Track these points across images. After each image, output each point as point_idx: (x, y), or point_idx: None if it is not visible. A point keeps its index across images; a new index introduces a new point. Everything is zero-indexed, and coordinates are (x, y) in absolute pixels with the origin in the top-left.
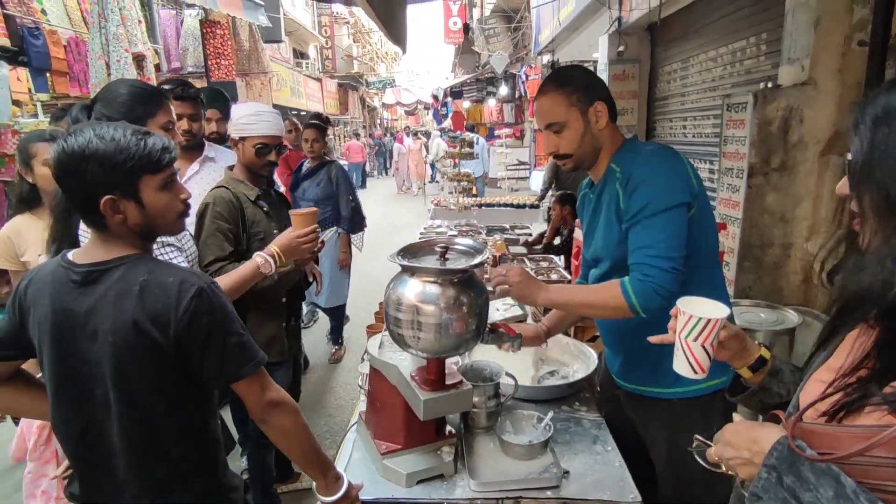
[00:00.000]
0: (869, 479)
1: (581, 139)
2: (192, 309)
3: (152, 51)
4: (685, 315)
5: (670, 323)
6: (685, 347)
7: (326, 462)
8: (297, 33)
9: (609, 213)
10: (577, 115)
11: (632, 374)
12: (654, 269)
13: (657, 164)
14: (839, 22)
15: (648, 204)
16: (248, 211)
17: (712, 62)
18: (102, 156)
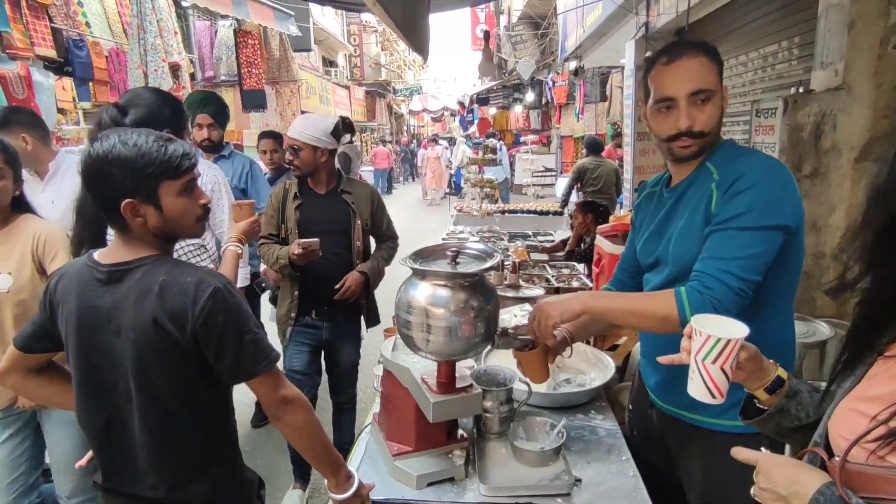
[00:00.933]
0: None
1: (720, 118)
2: (208, 307)
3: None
4: (702, 335)
5: (683, 343)
6: (702, 370)
7: (338, 460)
8: (327, 42)
9: (694, 216)
10: (720, 88)
11: (672, 394)
12: (719, 284)
13: (771, 176)
14: (874, 25)
15: (747, 213)
16: (287, 207)
17: (742, 67)
18: (125, 161)
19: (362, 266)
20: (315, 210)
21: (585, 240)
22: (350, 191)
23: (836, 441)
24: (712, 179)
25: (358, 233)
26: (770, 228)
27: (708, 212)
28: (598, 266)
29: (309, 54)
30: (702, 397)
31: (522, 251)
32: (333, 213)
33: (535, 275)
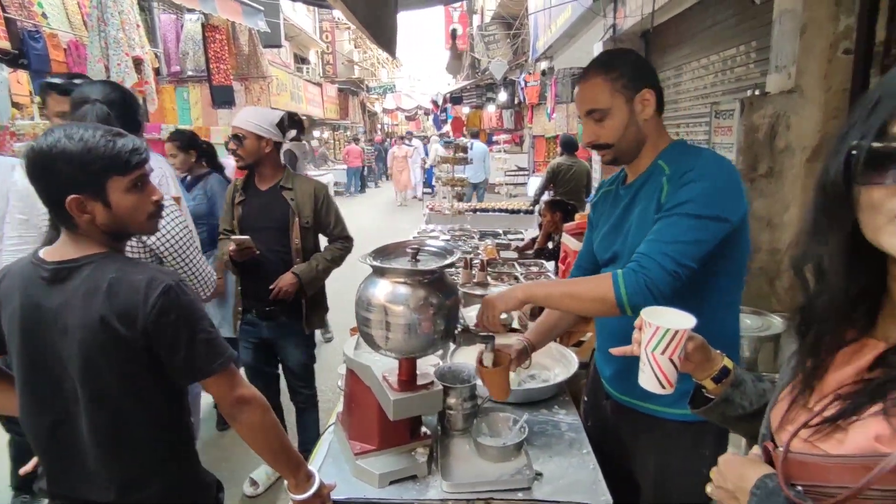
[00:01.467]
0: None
1: (624, 129)
2: (159, 305)
3: (152, 54)
4: (651, 327)
5: (634, 335)
6: (651, 361)
7: (297, 460)
8: (298, 38)
9: (647, 209)
10: (622, 102)
11: (626, 384)
12: (655, 265)
13: (717, 171)
14: (824, 30)
15: (691, 202)
16: (235, 201)
17: (704, 70)
18: (70, 156)
19: (297, 268)
20: (254, 207)
21: (554, 238)
22: (291, 187)
23: (780, 436)
24: (664, 174)
25: (296, 231)
26: (711, 218)
27: (659, 203)
28: (564, 263)
29: (279, 50)
30: (652, 388)
31: (492, 249)
32: (272, 210)
33: (503, 273)
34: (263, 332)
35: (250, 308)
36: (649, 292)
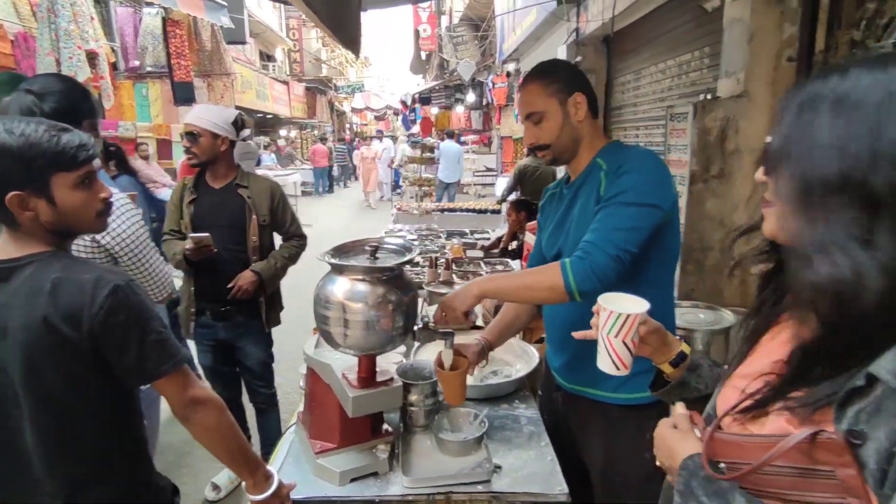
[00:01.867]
0: (772, 489)
1: (560, 130)
2: (107, 306)
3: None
4: (605, 311)
5: (592, 320)
6: (607, 344)
7: (255, 460)
8: (264, 35)
9: (587, 205)
10: (556, 105)
11: (575, 373)
12: (598, 251)
13: (649, 162)
14: (771, 38)
15: (627, 191)
16: (184, 201)
17: (661, 74)
18: (10, 151)
19: (256, 265)
20: (208, 205)
21: (519, 237)
22: (246, 185)
23: (719, 414)
24: (602, 170)
25: (254, 228)
26: (647, 205)
27: (598, 196)
28: (526, 260)
29: (244, 47)
30: (609, 370)
31: (458, 248)
32: (227, 208)
33: (469, 271)
34: (220, 334)
35: (204, 310)
36: (595, 277)
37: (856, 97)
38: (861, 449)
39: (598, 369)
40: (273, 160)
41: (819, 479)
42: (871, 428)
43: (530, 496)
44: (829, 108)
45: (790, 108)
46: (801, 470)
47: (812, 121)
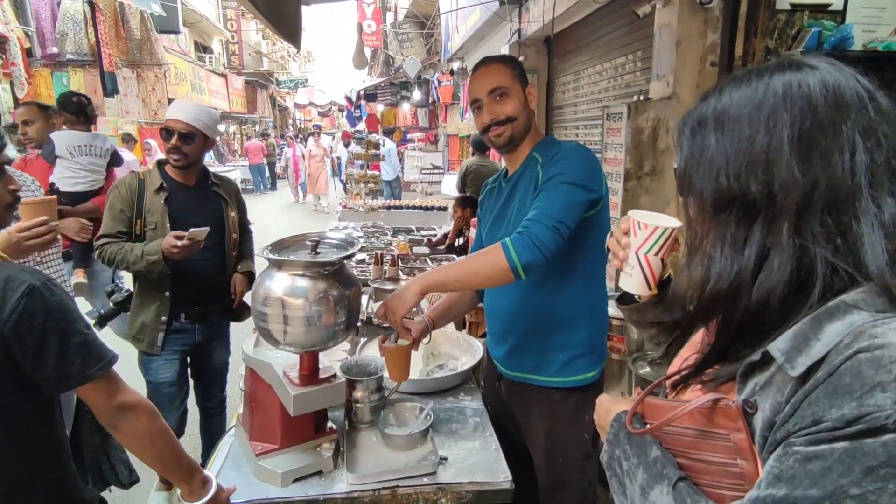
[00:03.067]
0: (677, 447)
1: (522, 108)
2: (20, 309)
3: (20, 32)
4: (647, 228)
5: (623, 241)
6: (643, 263)
7: (190, 466)
8: (200, 25)
9: (525, 196)
10: (519, 88)
11: (517, 361)
12: (536, 224)
13: (581, 151)
14: (695, 44)
15: (560, 174)
16: (146, 199)
17: (598, 75)
18: None
19: (244, 266)
20: (186, 202)
21: (465, 233)
22: (219, 183)
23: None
24: (538, 163)
25: (233, 225)
26: (580, 186)
27: (536, 187)
28: None
29: (177, 37)
30: (639, 290)
31: (404, 245)
32: (206, 205)
33: (416, 268)
34: (196, 337)
35: (179, 313)
36: (536, 249)
37: (731, 113)
38: (753, 417)
39: (541, 354)
40: (210, 156)
41: (716, 441)
42: (762, 399)
43: (475, 485)
44: (712, 127)
45: (685, 133)
46: (701, 432)
47: (702, 141)
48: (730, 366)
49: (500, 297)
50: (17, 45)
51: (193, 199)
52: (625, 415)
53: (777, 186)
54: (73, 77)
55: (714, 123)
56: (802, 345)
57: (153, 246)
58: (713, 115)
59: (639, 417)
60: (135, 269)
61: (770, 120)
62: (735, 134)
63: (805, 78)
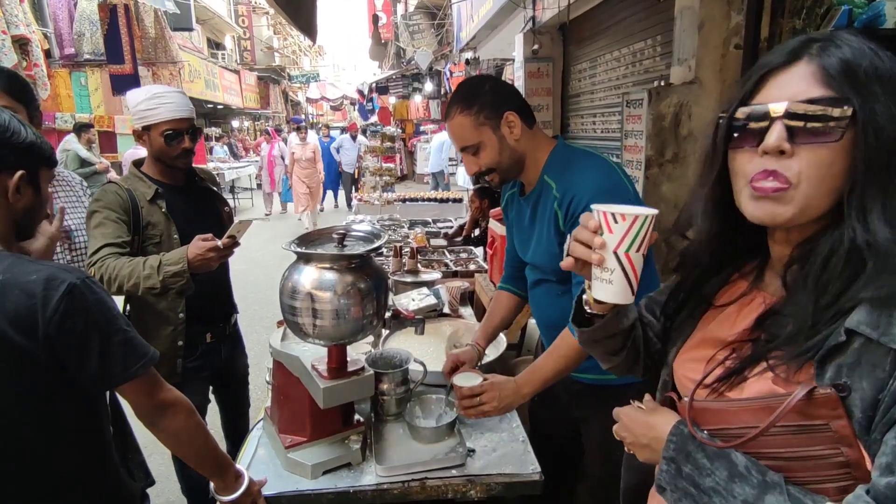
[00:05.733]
0: (767, 449)
1: (499, 155)
2: (62, 309)
3: (40, 34)
4: (625, 220)
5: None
6: (626, 264)
7: (224, 461)
8: (212, 22)
9: (549, 231)
10: (489, 132)
11: None
12: None
13: (595, 184)
14: (718, 26)
15: None
16: (142, 211)
17: (616, 62)
18: (21, 137)
19: None
20: (185, 207)
21: (481, 224)
22: (205, 177)
23: (683, 383)
24: (553, 196)
25: (228, 220)
26: None
27: (558, 229)
28: (492, 248)
29: (191, 34)
30: (622, 297)
31: (421, 237)
32: (205, 205)
33: (433, 260)
34: (223, 355)
35: (202, 333)
36: None
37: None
38: (846, 400)
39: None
40: (225, 152)
41: (814, 433)
42: (855, 379)
43: (504, 477)
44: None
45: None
46: (799, 426)
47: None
48: (792, 348)
49: (545, 310)
50: (38, 47)
51: (191, 203)
52: (685, 426)
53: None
54: (90, 77)
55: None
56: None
57: (174, 255)
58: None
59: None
60: (146, 286)
61: None
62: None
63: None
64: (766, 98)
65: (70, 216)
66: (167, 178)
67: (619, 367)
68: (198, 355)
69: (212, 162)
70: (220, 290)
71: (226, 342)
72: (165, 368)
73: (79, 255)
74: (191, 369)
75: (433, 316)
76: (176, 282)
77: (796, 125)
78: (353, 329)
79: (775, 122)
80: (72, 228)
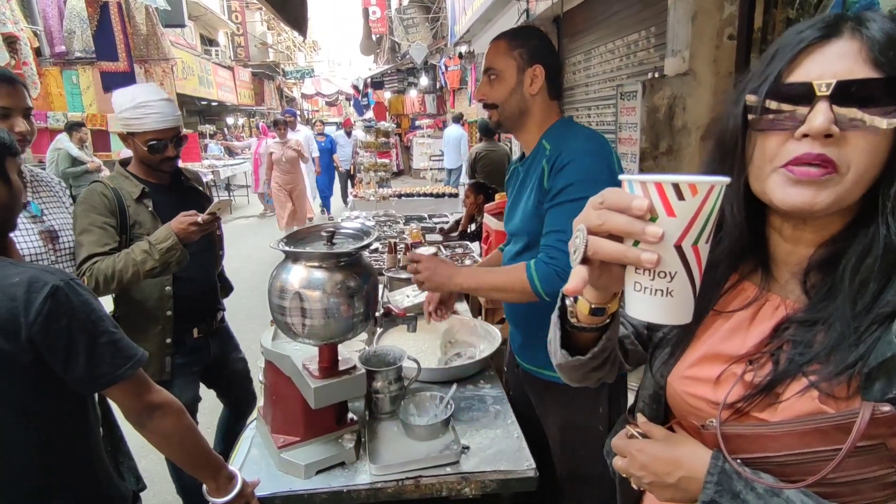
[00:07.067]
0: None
1: (510, 94)
2: (45, 311)
3: (30, 32)
4: (698, 193)
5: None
6: (693, 261)
7: (216, 463)
8: (204, 18)
9: (531, 188)
10: (514, 70)
11: (528, 354)
12: (561, 253)
13: (588, 149)
14: (712, 17)
15: (570, 186)
16: (129, 210)
17: (610, 54)
18: None
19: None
20: (171, 206)
21: (477, 219)
22: (190, 177)
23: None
24: (545, 154)
25: None
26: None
27: (542, 186)
28: (487, 243)
29: (183, 31)
30: (682, 315)
31: (417, 233)
32: (190, 203)
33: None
34: (212, 351)
35: (189, 330)
36: (560, 279)
37: None
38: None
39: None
40: (220, 150)
41: (871, 454)
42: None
43: (499, 474)
44: None
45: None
46: (862, 448)
47: None
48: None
49: None
50: (27, 45)
51: (177, 202)
52: (723, 461)
53: None
54: (81, 75)
55: None
56: None
57: (160, 234)
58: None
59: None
60: (146, 269)
61: None
62: None
63: None
64: (804, 76)
65: (53, 216)
66: (154, 178)
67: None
68: (185, 352)
69: (206, 160)
70: (207, 287)
71: (214, 338)
72: (155, 366)
73: (63, 255)
74: (179, 365)
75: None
76: (172, 255)
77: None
78: (343, 328)
79: (819, 101)
80: (56, 229)
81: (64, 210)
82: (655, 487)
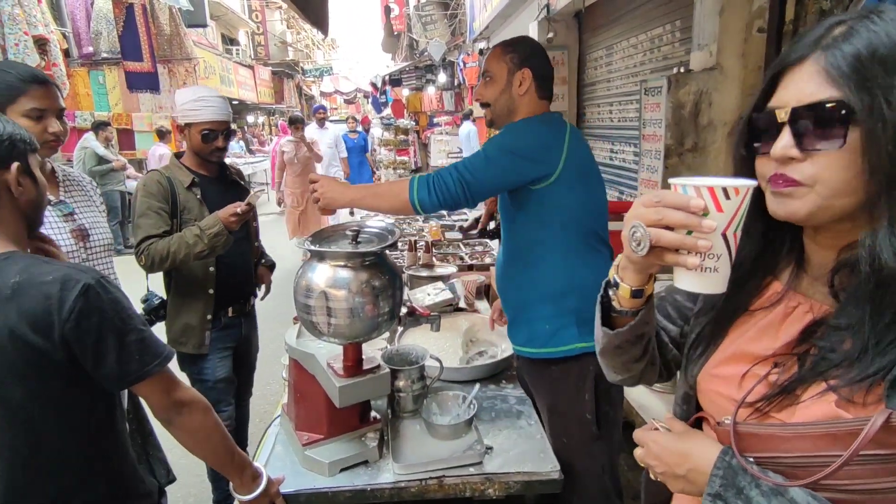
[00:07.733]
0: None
1: (499, 94)
2: (77, 308)
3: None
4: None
5: (706, 224)
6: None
7: (242, 460)
8: (225, 18)
9: None
10: (505, 73)
11: (514, 334)
12: (445, 170)
13: (532, 123)
14: (741, 10)
15: (489, 143)
16: (180, 197)
17: (633, 49)
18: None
19: (266, 260)
20: (217, 195)
21: (496, 216)
22: (234, 171)
23: (711, 399)
24: None
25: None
26: (512, 153)
27: None
28: None
29: (205, 30)
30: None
31: (437, 231)
32: (233, 195)
33: (449, 253)
34: (242, 331)
35: (226, 308)
36: (434, 191)
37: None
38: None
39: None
40: (241, 147)
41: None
42: None
43: (523, 475)
44: None
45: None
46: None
47: None
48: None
49: (498, 275)
50: (57, 47)
51: (222, 193)
52: (732, 456)
53: None
54: (108, 75)
55: None
56: None
57: (209, 221)
58: None
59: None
60: (196, 252)
61: None
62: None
63: None
64: (777, 101)
65: (84, 215)
66: (203, 170)
67: (634, 377)
68: (220, 327)
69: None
70: (244, 271)
71: (245, 319)
72: (195, 339)
73: (94, 253)
74: (214, 339)
75: (449, 310)
76: (219, 240)
77: (803, 130)
78: (368, 327)
79: (783, 127)
80: (87, 227)
81: (94, 209)
82: (667, 478)
